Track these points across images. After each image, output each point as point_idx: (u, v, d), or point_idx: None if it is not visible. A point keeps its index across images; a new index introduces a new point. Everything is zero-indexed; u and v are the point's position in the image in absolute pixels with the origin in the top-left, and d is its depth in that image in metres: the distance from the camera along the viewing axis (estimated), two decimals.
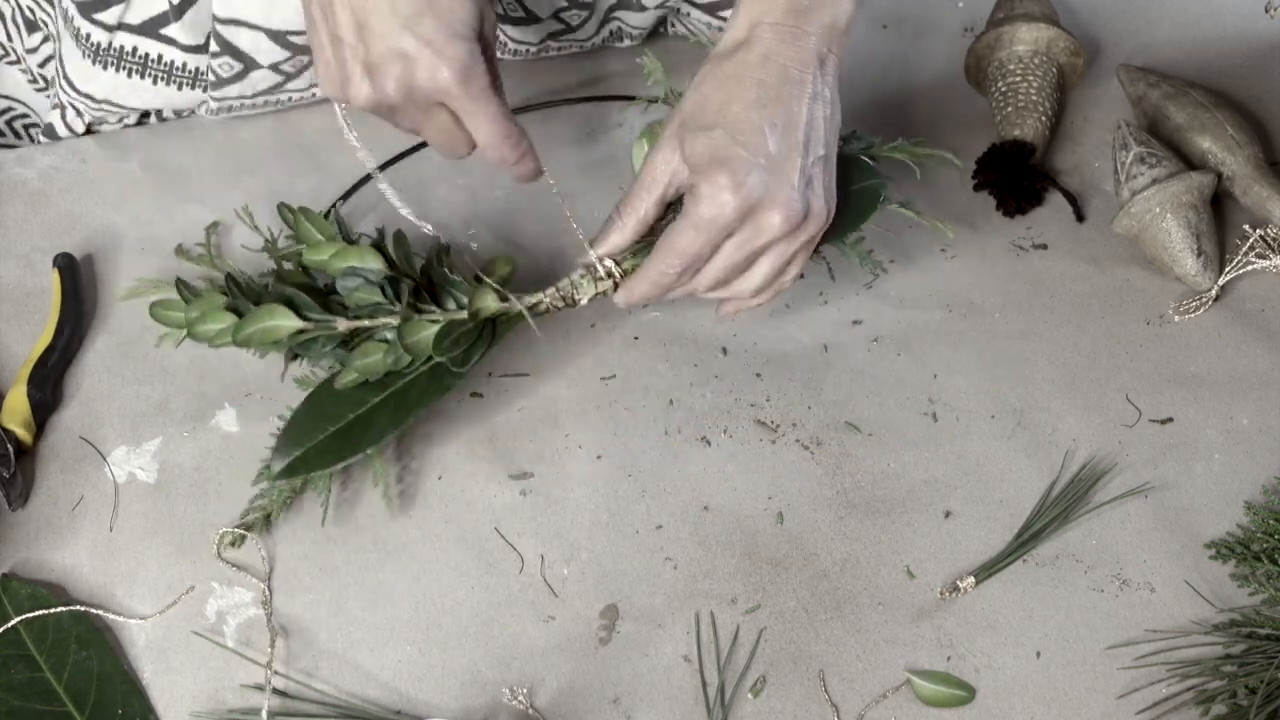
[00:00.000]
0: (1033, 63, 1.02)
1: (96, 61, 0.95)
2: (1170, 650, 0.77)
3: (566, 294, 0.81)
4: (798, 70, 0.77)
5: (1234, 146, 0.96)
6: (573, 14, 1.02)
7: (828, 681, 0.76)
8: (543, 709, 0.75)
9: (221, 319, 0.79)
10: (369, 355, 0.78)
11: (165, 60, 0.95)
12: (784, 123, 0.76)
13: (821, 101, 0.78)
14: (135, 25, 0.93)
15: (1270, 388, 0.89)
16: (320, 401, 0.80)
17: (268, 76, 0.97)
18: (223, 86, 0.97)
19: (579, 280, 0.81)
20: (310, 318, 0.79)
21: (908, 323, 0.92)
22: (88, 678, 0.75)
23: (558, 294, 0.81)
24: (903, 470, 0.85)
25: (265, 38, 0.94)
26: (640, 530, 0.82)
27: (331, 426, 0.79)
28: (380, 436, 0.79)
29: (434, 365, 0.80)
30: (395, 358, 0.79)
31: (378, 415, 0.79)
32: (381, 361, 0.78)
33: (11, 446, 0.82)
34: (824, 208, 0.78)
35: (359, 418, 0.79)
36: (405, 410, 0.79)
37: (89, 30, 0.93)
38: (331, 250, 0.81)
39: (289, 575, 0.80)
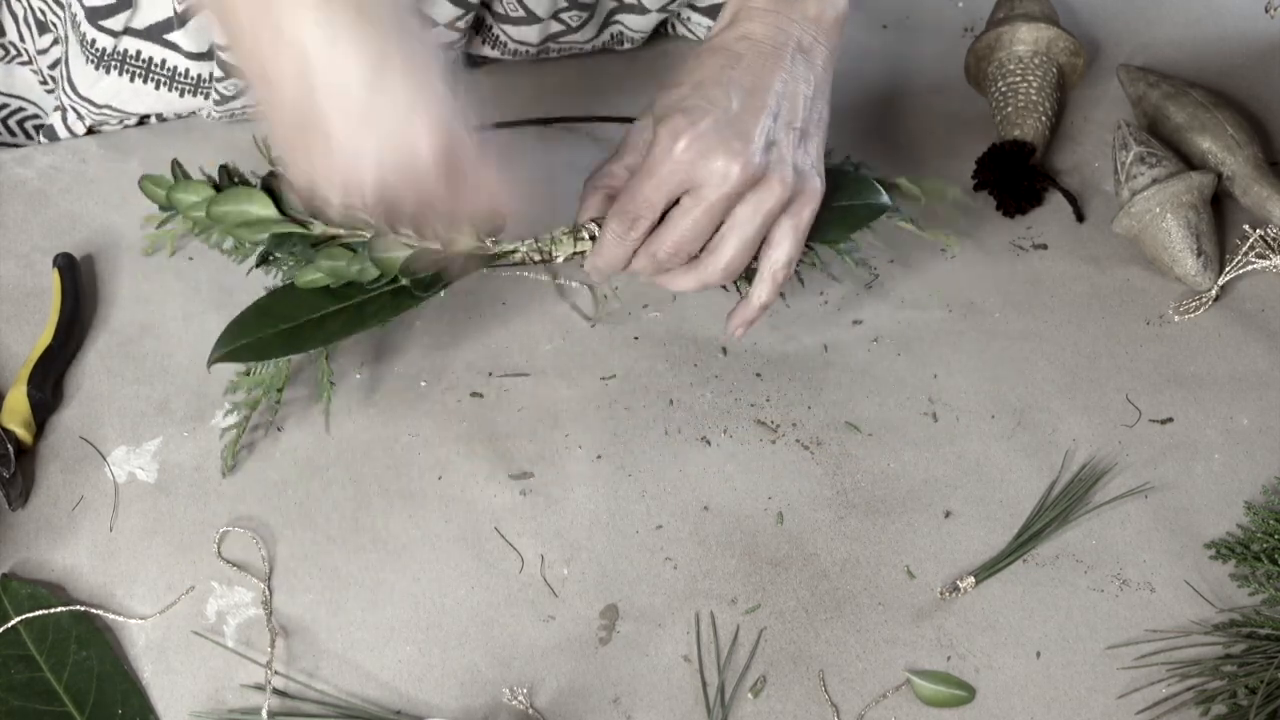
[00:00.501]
0: (1033, 63, 1.02)
1: (100, 67, 0.95)
2: (1170, 650, 0.77)
3: (545, 247, 0.81)
4: (773, 48, 0.77)
5: (1234, 146, 0.96)
6: (572, 14, 1.02)
7: (828, 681, 0.76)
8: (543, 709, 0.75)
9: (201, 191, 0.79)
10: (336, 258, 0.77)
11: (169, 65, 0.95)
12: (750, 85, 0.76)
13: (802, 82, 0.78)
14: (140, 30, 0.93)
15: (1270, 388, 0.89)
16: (276, 301, 0.79)
17: None
18: (226, 103, 0.98)
19: (560, 236, 0.81)
20: (287, 214, 0.77)
21: (908, 323, 0.92)
22: (88, 678, 0.75)
23: (535, 245, 0.81)
24: (903, 470, 0.85)
25: None
26: (640, 530, 0.82)
27: (283, 325, 0.78)
28: (329, 339, 0.78)
29: (397, 288, 0.79)
30: (361, 268, 0.77)
31: (330, 321, 0.78)
32: (346, 267, 0.77)
33: (11, 446, 0.82)
34: (796, 179, 0.77)
35: (311, 320, 0.78)
36: (359, 322, 0.78)
37: (94, 36, 0.93)
38: None
39: (289, 575, 0.80)
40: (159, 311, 0.91)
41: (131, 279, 0.93)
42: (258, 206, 0.77)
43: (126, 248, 0.95)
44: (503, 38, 1.03)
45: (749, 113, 0.75)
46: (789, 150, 0.77)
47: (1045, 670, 0.77)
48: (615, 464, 0.85)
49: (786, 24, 0.78)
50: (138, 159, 1.00)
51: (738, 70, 0.77)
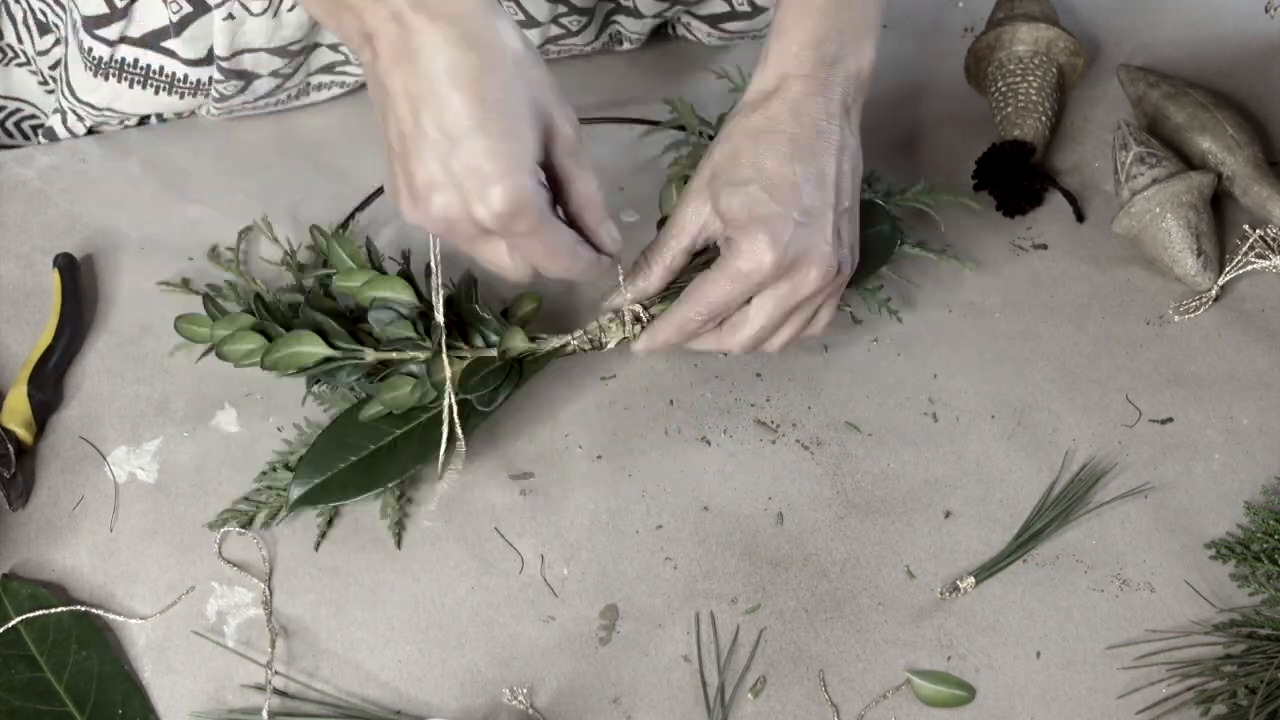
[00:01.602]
0: (1033, 63, 1.02)
1: (98, 74, 0.95)
2: (1170, 650, 0.77)
3: (595, 337, 0.82)
4: (826, 122, 0.77)
5: (1234, 146, 0.96)
6: (571, 19, 1.02)
7: (828, 681, 0.76)
8: (543, 709, 0.75)
9: (250, 340, 0.80)
10: (396, 389, 0.79)
11: (167, 72, 0.95)
12: (817, 177, 0.76)
13: (848, 153, 0.78)
14: (136, 39, 0.93)
15: (1270, 388, 0.89)
16: (342, 431, 0.80)
17: (268, 83, 0.97)
18: (225, 101, 0.98)
19: (607, 324, 0.81)
20: (339, 346, 0.79)
21: (908, 323, 0.92)
22: (88, 678, 0.75)
23: (585, 336, 0.82)
24: (903, 470, 0.85)
25: (267, 54, 0.94)
26: (640, 530, 0.82)
27: (353, 456, 0.79)
28: (403, 470, 0.79)
29: (459, 400, 0.79)
30: (422, 393, 0.79)
31: (400, 448, 0.79)
32: (409, 396, 0.79)
33: (12, 446, 0.82)
34: (850, 258, 0.79)
35: (381, 449, 0.80)
36: (430, 445, 0.79)
37: (91, 44, 0.93)
38: (363, 279, 0.81)
39: (289, 575, 0.80)
40: (159, 311, 0.91)
41: (131, 279, 0.93)
42: (309, 346, 0.79)
43: (126, 248, 0.95)
44: None
45: (822, 211, 0.76)
46: (847, 232, 0.78)
47: (1045, 670, 0.77)
48: (615, 464, 0.85)
49: (832, 88, 0.78)
50: (138, 159, 1.00)
51: (801, 162, 0.76)
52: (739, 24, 1.05)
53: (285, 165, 1.01)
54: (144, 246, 0.95)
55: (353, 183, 0.99)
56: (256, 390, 0.87)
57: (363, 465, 0.79)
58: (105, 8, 0.91)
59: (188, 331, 0.83)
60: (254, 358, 0.80)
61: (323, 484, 0.79)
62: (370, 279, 0.81)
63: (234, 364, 0.81)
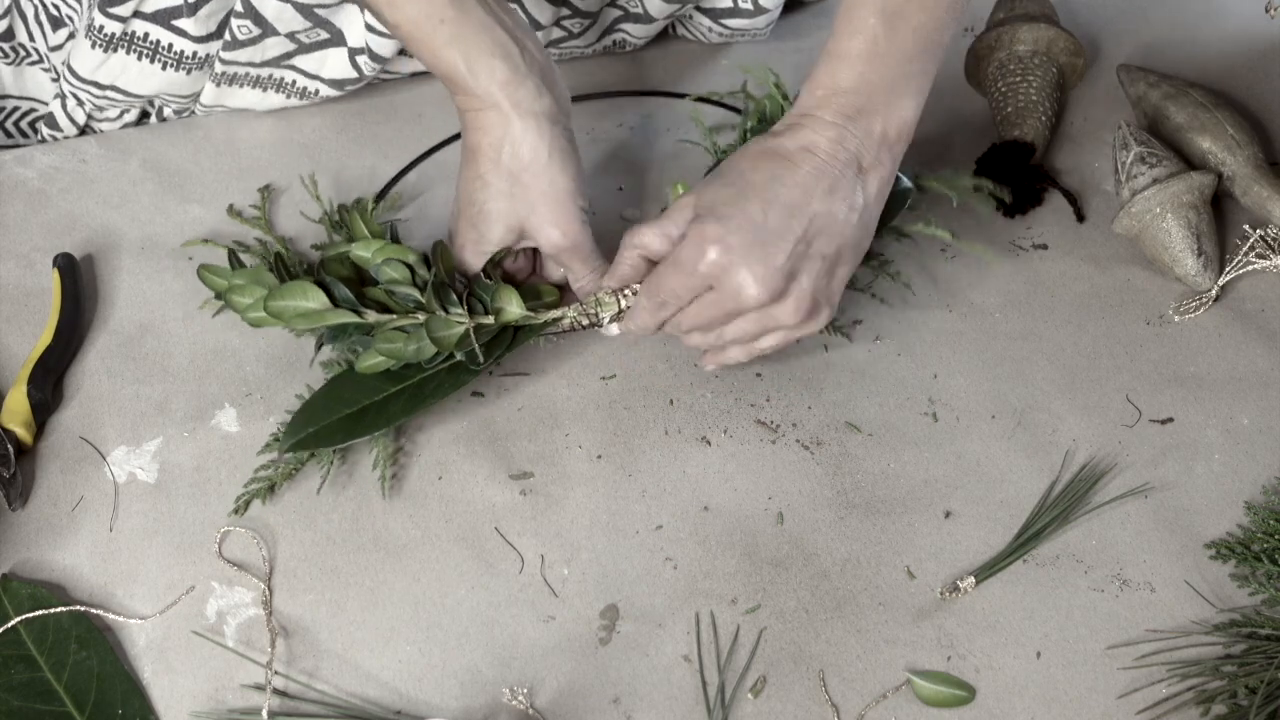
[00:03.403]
0: (1033, 63, 1.02)
1: (107, 49, 0.95)
2: (1170, 650, 0.77)
3: (590, 310, 0.83)
4: (829, 165, 0.77)
5: (1234, 146, 0.96)
6: (574, 22, 1.02)
7: (828, 681, 0.76)
8: (543, 709, 0.75)
9: (255, 292, 0.82)
10: (393, 341, 0.81)
11: (175, 49, 0.95)
12: (791, 204, 0.76)
13: (846, 206, 0.78)
14: (149, 14, 0.94)
15: (1270, 388, 0.89)
16: (339, 387, 0.83)
17: (282, 44, 0.97)
18: (236, 49, 0.97)
19: (604, 299, 0.83)
20: (341, 304, 0.81)
21: (908, 323, 0.92)
22: (88, 678, 0.75)
23: (581, 310, 0.84)
24: (903, 470, 0.85)
25: (291, 9, 0.94)
26: (640, 530, 0.82)
27: (346, 409, 0.82)
28: (391, 420, 0.82)
29: (453, 365, 0.83)
30: (418, 347, 0.81)
31: (392, 404, 0.82)
32: (403, 348, 0.81)
33: (12, 446, 0.82)
34: (811, 308, 0.78)
35: (374, 404, 0.82)
36: (418, 401, 0.82)
37: (103, 22, 0.93)
38: (376, 246, 0.84)
39: (289, 575, 0.80)
40: (159, 311, 0.91)
41: (131, 279, 0.93)
42: (311, 300, 0.81)
43: (126, 248, 0.95)
44: None
45: (781, 236, 0.76)
46: (810, 279, 0.78)
47: (1045, 670, 0.77)
48: (615, 464, 0.85)
49: (850, 141, 0.78)
50: (138, 159, 1.00)
51: (785, 186, 0.77)
52: (741, 21, 1.05)
53: (285, 165, 1.01)
54: (144, 246, 0.95)
55: (352, 182, 0.99)
56: (256, 390, 0.87)
57: (355, 417, 0.82)
58: None
59: (208, 280, 0.85)
60: (258, 310, 0.81)
61: (315, 432, 0.81)
62: (383, 247, 0.84)
63: (241, 315, 0.83)
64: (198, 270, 0.85)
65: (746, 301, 0.77)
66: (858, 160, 0.78)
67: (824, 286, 0.79)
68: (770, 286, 0.76)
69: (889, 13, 0.78)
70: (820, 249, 0.78)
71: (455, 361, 0.83)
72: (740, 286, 0.76)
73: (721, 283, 0.77)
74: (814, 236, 0.77)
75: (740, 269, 0.76)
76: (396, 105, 1.05)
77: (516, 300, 0.83)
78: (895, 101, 0.79)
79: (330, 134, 1.03)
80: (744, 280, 0.76)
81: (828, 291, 0.79)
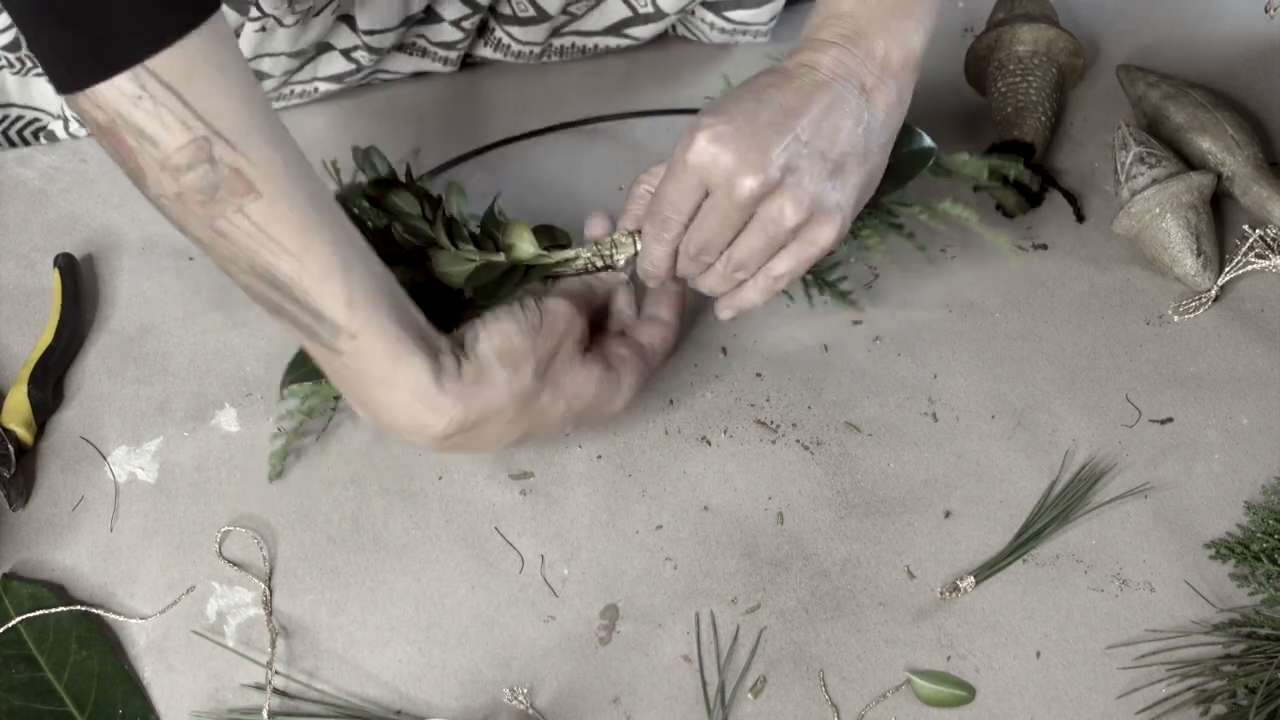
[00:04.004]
0: (1033, 63, 1.02)
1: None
2: (1170, 650, 0.77)
3: (606, 252, 0.81)
4: (830, 82, 0.76)
5: (1234, 146, 0.96)
6: (580, 4, 1.02)
7: (828, 681, 0.76)
8: (543, 709, 0.75)
9: None
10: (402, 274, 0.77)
11: None
12: (788, 107, 0.75)
13: (850, 117, 0.76)
14: None
15: (1270, 388, 0.89)
16: None
17: (276, 81, 0.98)
18: None
19: (620, 239, 0.81)
20: None
21: (908, 323, 0.92)
22: (88, 677, 0.75)
23: (596, 250, 0.81)
24: (903, 470, 0.85)
25: (286, 58, 0.95)
26: (640, 530, 0.82)
27: None
28: None
29: (462, 301, 0.80)
30: (426, 282, 0.78)
31: None
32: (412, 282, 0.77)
33: (12, 446, 0.82)
34: (811, 205, 0.75)
35: None
36: None
37: None
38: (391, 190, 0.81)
39: (289, 575, 0.80)
40: (159, 311, 0.91)
41: (131, 279, 0.93)
42: None
43: (126, 248, 0.95)
44: (505, 40, 1.03)
45: (774, 129, 0.74)
46: (811, 178, 0.75)
47: (1045, 670, 0.77)
48: (615, 464, 0.85)
49: (851, 60, 0.77)
50: None
51: (783, 91, 0.75)
52: (745, 13, 1.05)
53: None
54: (144, 246, 0.95)
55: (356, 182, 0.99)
56: (257, 390, 0.87)
57: None
58: None
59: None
60: None
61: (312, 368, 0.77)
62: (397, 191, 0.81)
63: None
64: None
65: (741, 191, 0.74)
66: (860, 80, 0.77)
67: (827, 190, 0.76)
68: (763, 173, 0.73)
69: None
70: (819, 148, 0.75)
71: (464, 299, 0.79)
72: (731, 173, 0.74)
73: (712, 176, 0.74)
74: (812, 136, 0.75)
75: (729, 153, 0.73)
76: (397, 105, 1.05)
77: (529, 237, 0.79)
78: (896, 24, 0.77)
79: (330, 134, 1.03)
80: (731, 166, 0.74)
81: (835, 197, 0.76)
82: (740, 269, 0.78)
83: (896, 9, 0.78)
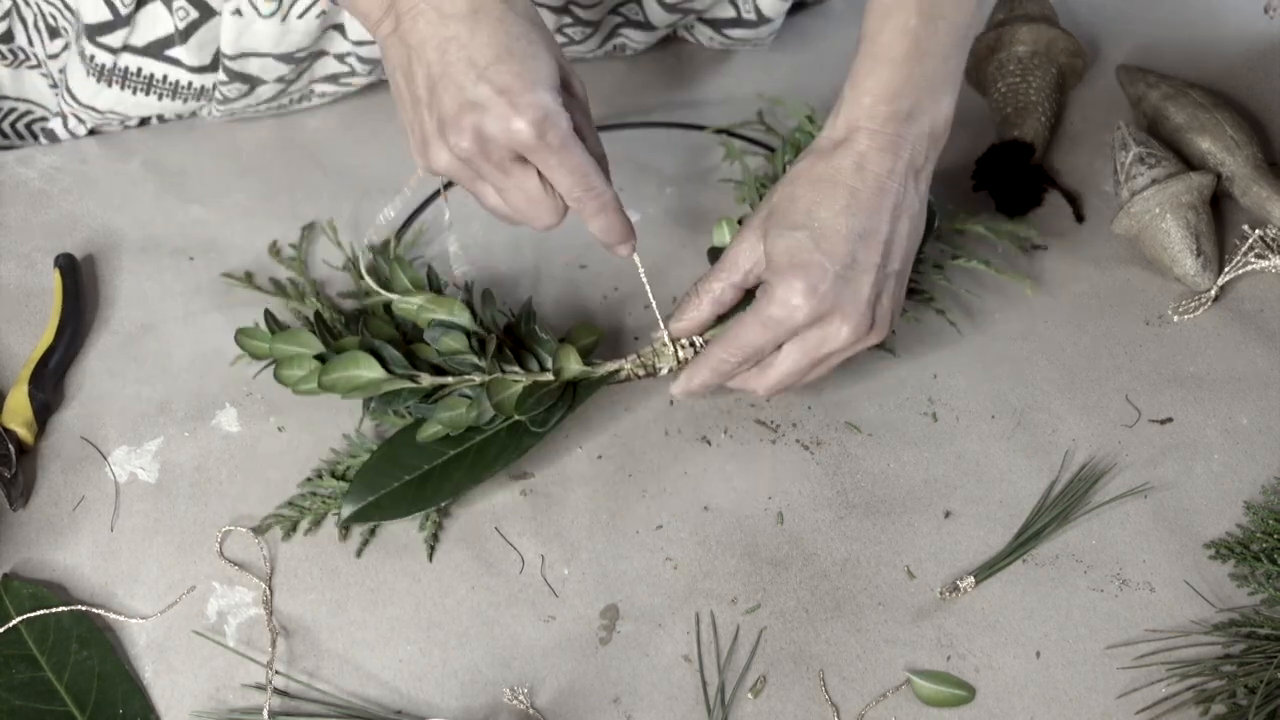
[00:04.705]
0: (1033, 63, 1.02)
1: (101, 80, 0.95)
2: (1170, 650, 0.77)
3: (648, 363, 0.82)
4: (889, 180, 0.76)
5: (1233, 147, 0.96)
6: (577, 30, 1.02)
7: (828, 681, 0.76)
8: (543, 709, 0.75)
9: (307, 364, 0.80)
10: (453, 409, 0.79)
11: (170, 80, 0.96)
12: (868, 233, 0.75)
13: (908, 215, 0.77)
14: (140, 47, 0.94)
15: (1270, 388, 0.89)
16: (397, 450, 0.81)
17: (273, 88, 0.98)
18: (229, 104, 0.98)
19: (660, 349, 0.82)
20: (395, 371, 0.79)
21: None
22: (89, 677, 0.75)
23: (639, 361, 0.82)
24: (903, 470, 0.85)
25: (273, 60, 0.94)
26: (640, 530, 0.82)
27: (407, 475, 0.80)
28: (456, 490, 0.80)
29: (513, 424, 0.81)
30: (478, 413, 0.79)
31: (454, 469, 0.80)
32: (465, 416, 0.79)
33: (13, 446, 0.82)
34: (888, 322, 0.78)
35: (435, 469, 0.80)
36: (482, 466, 0.80)
37: (93, 51, 0.93)
38: (420, 300, 0.82)
39: (290, 575, 0.80)
40: (159, 311, 0.91)
41: (131, 279, 0.93)
42: (365, 369, 0.79)
43: (127, 248, 0.95)
44: None
45: (865, 269, 0.75)
46: (889, 295, 0.77)
47: (1045, 670, 0.77)
48: (615, 464, 0.85)
49: (902, 146, 0.77)
50: (138, 159, 1.00)
51: (854, 215, 0.75)
52: (743, 31, 1.05)
53: (285, 165, 1.01)
54: (144, 246, 0.95)
55: (353, 182, 0.99)
56: (257, 390, 0.87)
57: (415, 484, 0.80)
58: (109, 14, 0.91)
59: (248, 346, 0.82)
60: (310, 383, 0.80)
61: (374, 502, 0.79)
62: (428, 299, 0.82)
63: (291, 388, 0.81)
64: (235, 336, 0.82)
65: (840, 346, 0.76)
66: (912, 165, 0.77)
67: (895, 299, 0.78)
68: (862, 326, 0.76)
69: (926, 13, 0.76)
70: (894, 268, 0.77)
71: (514, 421, 0.81)
72: (835, 335, 0.76)
73: (813, 333, 0.76)
74: (889, 258, 0.76)
75: (835, 318, 0.75)
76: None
77: (575, 357, 0.81)
78: (939, 99, 0.78)
79: (331, 134, 1.03)
80: (838, 328, 0.76)
81: (899, 301, 0.79)
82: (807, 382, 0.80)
83: (938, 84, 0.78)
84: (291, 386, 0.81)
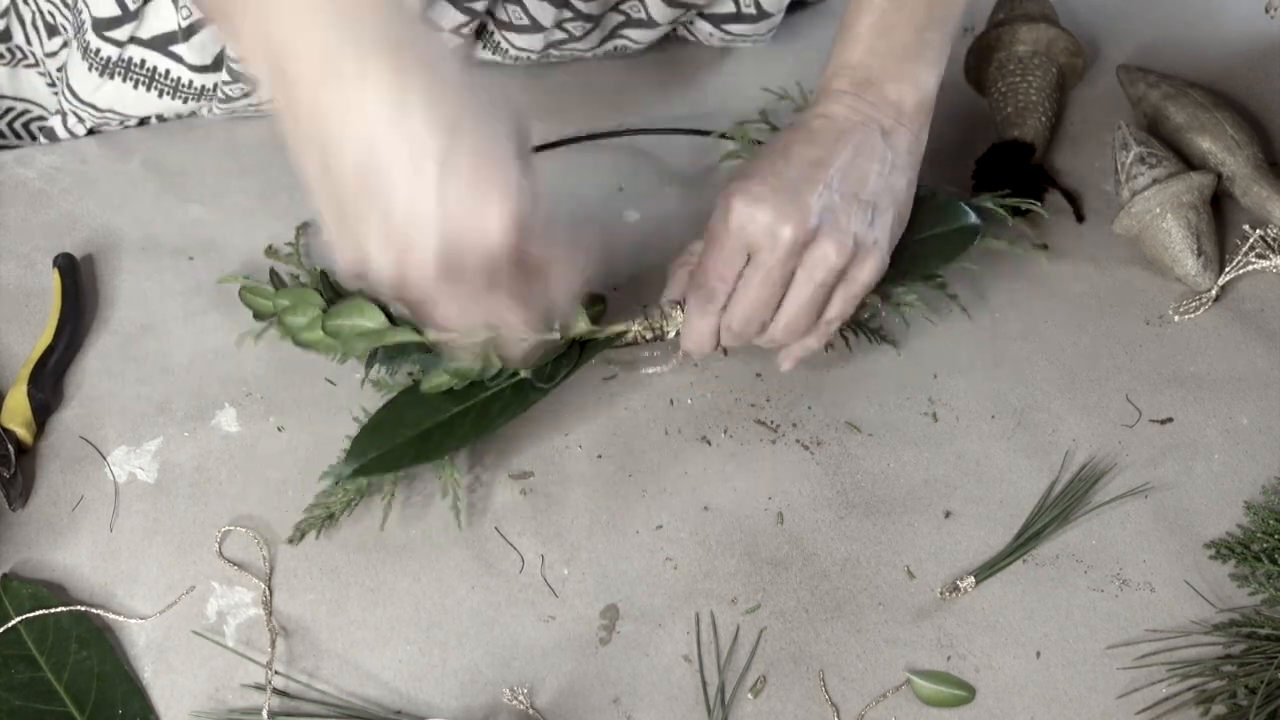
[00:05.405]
0: (1033, 63, 1.02)
1: (103, 74, 0.95)
2: (1170, 650, 0.77)
3: (656, 325, 0.82)
4: (849, 126, 0.78)
5: (1234, 146, 0.96)
6: (576, 25, 1.02)
7: (828, 681, 0.76)
8: (543, 709, 0.75)
9: (310, 311, 0.79)
10: (461, 359, 0.78)
11: (173, 76, 0.96)
12: (815, 159, 0.77)
13: (876, 160, 0.78)
14: (146, 40, 0.94)
15: (1270, 388, 0.89)
16: (400, 408, 0.80)
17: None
18: (231, 103, 0.98)
19: (669, 311, 0.82)
20: (400, 321, 0.79)
21: (908, 323, 0.92)
22: (88, 678, 0.75)
23: (647, 324, 0.82)
24: (903, 470, 0.85)
25: None
26: (640, 530, 0.82)
27: (410, 432, 0.79)
28: (461, 443, 0.79)
29: (519, 381, 0.80)
30: (485, 366, 0.78)
31: (459, 424, 0.79)
32: (471, 368, 0.78)
33: (12, 446, 0.82)
34: (854, 247, 0.77)
35: (439, 425, 0.79)
36: (487, 421, 0.79)
37: (99, 45, 0.93)
38: None
39: (289, 575, 0.80)
40: (159, 311, 0.91)
41: (131, 279, 0.93)
42: (369, 319, 0.78)
43: (126, 248, 0.95)
44: (504, 44, 1.03)
45: (806, 181, 0.76)
46: (849, 219, 0.76)
47: (1045, 670, 0.77)
48: (615, 464, 0.85)
49: (866, 107, 0.79)
50: (138, 159, 1.00)
51: (807, 145, 0.77)
52: (743, 26, 1.05)
53: (285, 165, 1.00)
54: (144, 246, 0.95)
55: None
56: (257, 390, 0.87)
57: (420, 439, 0.78)
58: (117, 9, 0.92)
59: (251, 301, 0.81)
60: (315, 328, 0.79)
61: (378, 457, 0.78)
62: None
63: (294, 339, 0.79)
64: (240, 292, 0.81)
65: (783, 243, 0.75)
66: (879, 125, 0.79)
67: (865, 229, 0.77)
68: (801, 222, 0.75)
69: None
70: (851, 190, 0.77)
71: (520, 379, 0.80)
72: (772, 227, 0.75)
73: (753, 239, 0.75)
74: (842, 181, 0.77)
75: (767, 211, 0.75)
76: None
77: (583, 314, 0.80)
78: (907, 68, 0.80)
79: None
80: (770, 222, 0.75)
81: (872, 235, 0.77)
82: (794, 322, 0.79)
83: (907, 53, 0.80)
84: (294, 335, 0.79)
